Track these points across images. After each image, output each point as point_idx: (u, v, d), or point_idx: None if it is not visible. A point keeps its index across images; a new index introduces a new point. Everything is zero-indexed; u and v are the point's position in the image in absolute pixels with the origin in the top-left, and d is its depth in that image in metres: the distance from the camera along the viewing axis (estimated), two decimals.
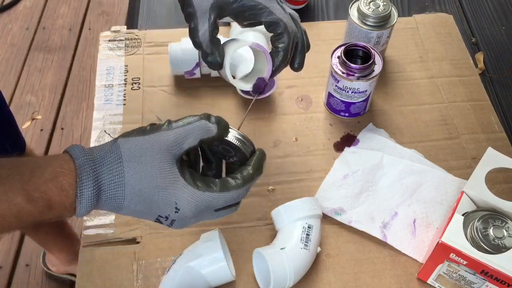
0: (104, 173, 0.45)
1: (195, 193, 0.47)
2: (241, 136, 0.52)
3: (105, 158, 0.46)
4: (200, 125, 0.48)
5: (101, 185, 0.45)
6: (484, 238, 0.58)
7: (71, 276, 1.34)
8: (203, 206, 0.48)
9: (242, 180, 0.50)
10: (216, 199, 0.48)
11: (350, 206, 0.70)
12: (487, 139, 0.79)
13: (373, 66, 0.74)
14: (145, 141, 0.47)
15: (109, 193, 0.45)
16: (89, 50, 1.94)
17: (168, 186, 0.47)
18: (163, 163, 0.46)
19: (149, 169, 0.46)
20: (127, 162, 0.46)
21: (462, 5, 1.03)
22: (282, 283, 0.61)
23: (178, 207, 0.47)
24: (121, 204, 0.46)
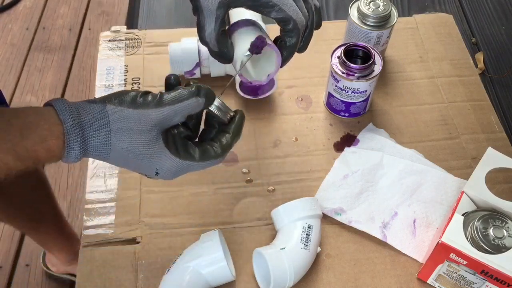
0: (92, 139, 0.47)
1: (175, 161, 0.50)
2: (220, 104, 0.53)
3: (93, 124, 0.47)
4: (190, 103, 0.49)
5: (87, 147, 0.47)
6: (484, 238, 0.58)
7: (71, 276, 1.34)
8: (182, 171, 0.51)
9: (221, 149, 0.52)
10: (196, 166, 0.51)
11: (350, 206, 0.70)
12: (487, 139, 0.79)
13: (373, 66, 0.74)
14: (135, 115, 0.48)
15: (95, 154, 0.48)
16: (89, 50, 1.94)
17: (152, 155, 0.49)
18: (149, 137, 0.48)
19: (136, 143, 0.48)
20: (115, 132, 0.47)
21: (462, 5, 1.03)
22: (282, 283, 0.61)
23: (158, 172, 0.50)
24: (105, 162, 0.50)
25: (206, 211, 0.71)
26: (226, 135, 0.53)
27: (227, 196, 0.72)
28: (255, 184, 0.74)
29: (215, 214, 0.71)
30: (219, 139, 0.53)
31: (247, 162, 0.76)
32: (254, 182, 0.74)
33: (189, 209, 0.71)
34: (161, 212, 0.70)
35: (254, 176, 0.74)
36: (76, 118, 0.47)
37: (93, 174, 0.74)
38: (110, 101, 0.48)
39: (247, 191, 0.73)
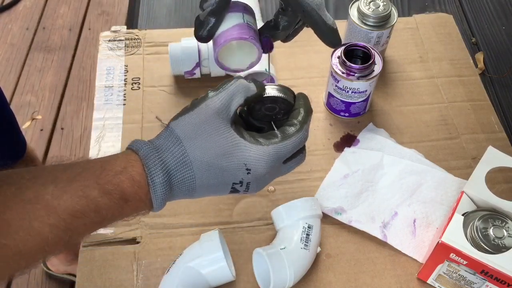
0: (169, 157, 0.45)
1: (260, 149, 0.47)
2: (278, 86, 0.51)
3: (165, 143, 0.46)
4: (241, 84, 0.49)
5: (169, 169, 0.45)
6: (484, 238, 0.58)
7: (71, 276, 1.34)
8: (271, 159, 0.48)
9: (299, 123, 0.50)
10: (282, 148, 0.48)
11: (350, 206, 0.70)
12: (487, 139, 0.79)
13: (373, 66, 0.74)
14: (195, 115, 0.47)
15: (179, 176, 0.46)
16: (89, 50, 1.94)
17: (232, 150, 0.47)
18: (218, 129, 0.47)
19: (208, 139, 0.46)
20: (186, 140, 0.46)
21: (462, 5, 1.03)
22: (282, 283, 0.61)
23: (249, 167, 0.47)
24: (193, 184, 0.46)
25: (206, 211, 0.71)
26: (298, 110, 0.51)
27: (227, 196, 0.72)
28: None
29: (215, 214, 0.71)
30: (293, 117, 0.51)
31: None
32: None
33: (189, 209, 0.71)
34: (161, 212, 0.70)
35: None
36: (150, 144, 0.46)
37: None
38: (171, 120, 0.48)
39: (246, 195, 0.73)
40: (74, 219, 0.41)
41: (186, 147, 0.46)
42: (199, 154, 0.46)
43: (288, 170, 0.52)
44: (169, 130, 0.47)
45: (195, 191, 0.47)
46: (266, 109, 0.52)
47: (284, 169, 0.51)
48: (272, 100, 0.51)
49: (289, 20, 0.59)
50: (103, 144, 0.77)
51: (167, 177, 0.45)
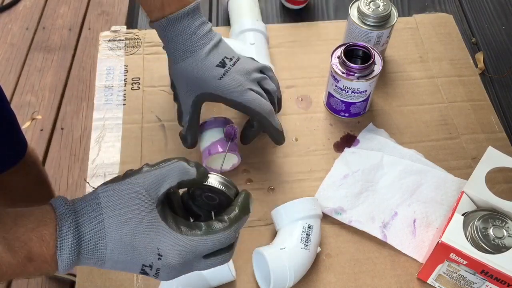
0: (85, 222, 0.44)
1: (178, 237, 0.45)
2: (223, 179, 0.50)
3: (85, 207, 0.45)
4: (178, 166, 0.47)
5: (81, 235, 0.43)
6: (484, 238, 0.58)
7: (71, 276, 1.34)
8: (188, 251, 0.46)
9: (229, 221, 0.47)
10: (202, 243, 0.46)
11: (350, 206, 0.70)
12: (487, 139, 0.79)
13: (373, 66, 0.74)
14: (123, 185, 0.46)
15: (90, 244, 0.44)
16: (89, 50, 1.94)
17: (148, 230, 0.45)
18: (142, 206, 0.45)
19: (128, 214, 0.45)
20: (106, 208, 0.44)
21: (462, 5, 1.03)
22: (282, 283, 0.61)
23: (161, 253, 0.45)
24: (103, 255, 0.44)
25: None
26: (233, 208, 0.49)
27: None
28: (255, 184, 0.74)
29: None
30: (226, 213, 0.48)
31: (247, 162, 0.75)
32: (254, 182, 0.74)
33: None
34: None
35: (254, 176, 0.74)
36: (70, 205, 0.45)
37: (93, 174, 0.74)
38: (100, 185, 0.47)
39: None
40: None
41: (104, 216, 0.44)
42: (115, 227, 0.44)
43: (208, 267, 0.49)
44: (94, 195, 0.46)
45: (105, 263, 0.45)
46: (206, 197, 0.50)
47: (202, 265, 0.48)
48: (212, 191, 0.49)
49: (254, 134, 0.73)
50: (103, 144, 0.77)
51: (77, 242, 0.43)
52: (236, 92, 0.66)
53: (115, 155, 0.76)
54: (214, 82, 0.66)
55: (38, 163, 1.08)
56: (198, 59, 0.65)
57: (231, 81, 0.66)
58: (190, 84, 0.67)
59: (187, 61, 0.66)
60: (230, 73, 0.66)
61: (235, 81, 0.66)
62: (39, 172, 1.09)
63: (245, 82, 0.67)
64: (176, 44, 0.66)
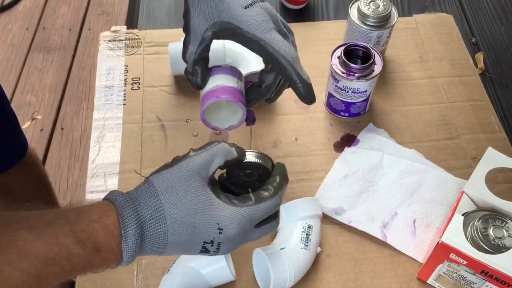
0: (144, 210, 0.46)
1: (234, 210, 0.48)
2: (258, 153, 0.53)
3: (142, 196, 0.46)
4: (222, 147, 0.50)
5: (143, 222, 0.45)
6: (484, 238, 0.58)
7: None
8: (244, 221, 0.48)
9: (274, 189, 0.51)
10: (255, 211, 0.49)
11: (350, 206, 0.70)
12: (487, 139, 0.79)
13: (373, 66, 0.74)
14: (175, 171, 0.48)
15: (152, 230, 0.46)
16: (89, 50, 1.94)
17: (206, 208, 0.47)
18: (196, 187, 0.47)
19: (185, 196, 0.47)
20: (163, 194, 0.46)
21: (462, 5, 1.03)
22: (282, 283, 0.61)
23: (221, 227, 0.47)
24: (165, 240, 0.46)
25: None
26: (274, 177, 0.52)
27: None
28: None
29: None
30: (269, 183, 0.52)
31: None
32: None
33: None
34: None
35: None
36: (126, 195, 0.47)
37: (93, 174, 0.74)
38: (151, 174, 0.49)
39: None
40: (45, 266, 0.41)
41: (162, 201, 0.46)
42: (174, 209, 0.46)
43: (259, 236, 0.52)
44: (148, 183, 0.47)
45: (166, 247, 0.47)
46: (245, 175, 0.53)
47: (255, 234, 0.51)
48: (251, 166, 0.52)
49: (272, 79, 0.60)
50: (103, 144, 0.77)
51: (140, 229, 0.45)
52: (260, 27, 0.56)
53: (115, 155, 0.76)
54: (237, 10, 0.56)
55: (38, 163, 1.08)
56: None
57: (256, 14, 0.57)
58: (208, 8, 0.57)
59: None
60: (257, 5, 0.57)
61: (261, 16, 0.57)
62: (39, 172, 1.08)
63: (270, 22, 0.58)
64: None
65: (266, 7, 0.59)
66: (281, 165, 0.54)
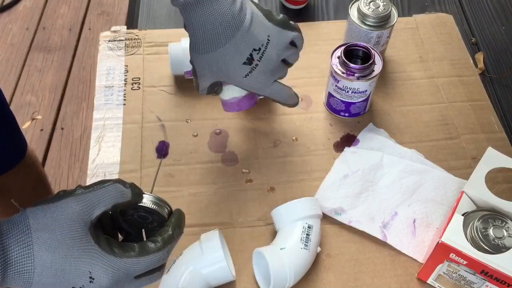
0: (12, 245, 0.42)
1: (110, 260, 0.45)
2: (155, 198, 0.50)
3: (13, 229, 0.43)
4: (113, 188, 0.47)
5: (7, 258, 0.42)
6: (484, 238, 0.58)
7: None
8: (120, 273, 0.46)
9: (162, 242, 0.48)
10: (135, 264, 0.46)
11: (350, 206, 0.70)
12: (487, 139, 0.79)
13: (373, 66, 0.74)
14: (54, 208, 0.44)
15: (17, 267, 0.42)
16: (89, 50, 1.94)
17: (81, 255, 0.44)
18: (74, 230, 0.44)
19: (60, 238, 0.43)
20: (36, 232, 0.43)
21: (462, 5, 1.03)
22: (282, 283, 0.61)
23: (93, 276, 0.44)
24: (30, 279, 0.43)
25: (206, 211, 0.71)
26: (166, 228, 0.50)
27: (227, 196, 0.72)
28: (255, 184, 0.74)
29: (215, 214, 0.71)
30: (159, 234, 0.49)
31: (247, 162, 0.76)
32: (254, 182, 0.74)
33: (189, 209, 0.71)
34: None
35: (254, 176, 0.74)
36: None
37: (93, 174, 0.74)
38: (32, 204, 0.45)
39: (247, 191, 0.73)
40: None
41: (33, 239, 0.43)
42: (45, 251, 0.43)
43: (138, 286, 0.49)
44: (23, 216, 0.44)
45: (31, 286, 0.44)
46: (139, 216, 0.51)
47: (133, 285, 0.48)
48: (146, 211, 0.50)
49: None
50: (103, 144, 0.77)
51: (2, 266, 0.41)
52: (259, 90, 0.65)
53: (115, 155, 0.76)
54: (238, 79, 0.62)
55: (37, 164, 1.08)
56: (224, 53, 0.59)
57: (255, 81, 0.63)
58: (213, 73, 0.62)
59: (212, 54, 0.59)
60: (255, 71, 0.62)
61: (259, 82, 0.63)
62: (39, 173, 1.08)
63: (270, 79, 0.64)
64: (199, 32, 0.59)
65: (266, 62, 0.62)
66: (178, 214, 0.51)
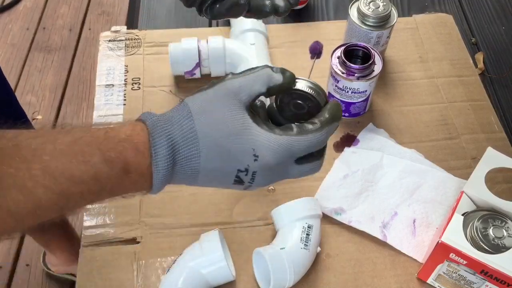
0: (176, 130, 0.42)
1: (272, 136, 0.44)
2: (312, 84, 0.47)
3: (175, 116, 0.43)
4: (264, 73, 0.46)
5: (174, 143, 0.42)
6: (484, 238, 0.58)
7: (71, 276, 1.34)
8: (282, 150, 0.44)
9: (320, 123, 0.46)
10: (295, 142, 0.44)
11: (350, 206, 0.70)
12: (487, 139, 0.79)
13: (373, 66, 0.74)
14: (211, 92, 0.45)
15: (184, 152, 0.42)
16: (89, 50, 1.94)
17: (242, 132, 0.43)
18: (233, 109, 0.44)
19: (220, 117, 0.43)
20: (197, 115, 0.43)
21: (462, 5, 1.03)
22: (282, 283, 0.61)
23: (257, 154, 0.44)
24: (197, 164, 0.43)
25: (206, 211, 0.71)
26: (323, 112, 0.47)
27: (227, 196, 0.72)
28: None
29: (215, 214, 0.71)
30: (316, 117, 0.47)
31: None
32: None
33: (189, 209, 0.71)
34: (161, 212, 0.70)
35: None
36: (159, 115, 0.44)
37: None
38: (189, 96, 0.45)
39: (247, 191, 0.73)
40: (71, 184, 0.39)
41: (195, 122, 0.43)
42: (207, 131, 0.43)
43: (300, 174, 0.48)
44: (182, 104, 0.44)
45: (199, 174, 0.44)
46: (294, 105, 0.48)
47: (295, 170, 0.47)
48: (301, 96, 0.47)
49: None
50: None
51: (171, 151, 0.42)
52: None
53: None
54: None
55: None
56: None
57: None
58: None
59: None
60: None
61: None
62: None
63: None
64: None
65: None
66: (335, 103, 0.48)
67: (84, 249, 0.67)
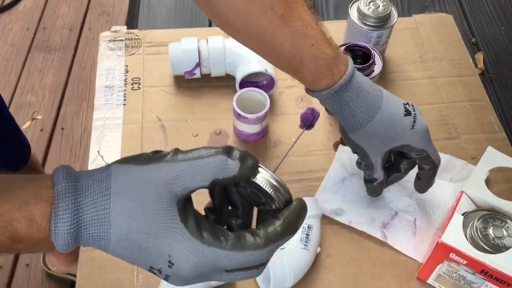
0: (87, 206, 0.37)
1: (197, 246, 0.37)
2: (274, 179, 0.40)
3: (91, 187, 0.37)
4: (214, 162, 0.38)
5: (81, 220, 0.37)
6: (484, 237, 0.58)
7: (71, 276, 1.34)
8: (206, 264, 0.37)
9: (264, 238, 0.38)
10: (225, 258, 0.37)
11: (350, 206, 0.70)
12: (487, 139, 0.79)
13: (373, 66, 0.74)
14: (141, 172, 0.38)
15: (91, 231, 0.37)
16: (89, 50, 1.94)
17: (161, 232, 0.37)
18: (158, 202, 0.37)
19: (140, 208, 0.37)
20: (115, 195, 0.37)
21: (462, 5, 1.03)
22: (282, 283, 0.61)
23: (172, 261, 0.37)
24: (106, 246, 0.38)
25: None
26: (275, 222, 0.38)
27: None
28: None
29: None
30: (263, 226, 0.38)
31: None
32: None
33: None
34: None
35: None
36: (73, 180, 0.37)
37: None
38: (119, 161, 0.39)
39: None
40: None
41: (111, 204, 0.37)
42: (121, 220, 0.37)
43: (230, 280, 0.40)
44: (106, 173, 0.38)
45: (108, 252, 0.39)
46: (252, 192, 0.41)
47: (221, 278, 0.39)
48: (258, 190, 0.40)
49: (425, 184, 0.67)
50: (103, 144, 0.77)
51: (76, 227, 0.36)
52: (425, 141, 0.62)
53: (115, 155, 0.76)
54: (407, 133, 0.61)
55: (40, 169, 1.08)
56: (384, 114, 0.60)
57: (421, 129, 0.61)
58: (379, 143, 0.61)
59: (374, 121, 0.60)
60: (418, 120, 0.61)
61: (424, 130, 0.62)
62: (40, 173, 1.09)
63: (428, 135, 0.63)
64: (354, 107, 0.59)
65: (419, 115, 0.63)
66: (295, 210, 0.39)
67: (84, 249, 0.67)
